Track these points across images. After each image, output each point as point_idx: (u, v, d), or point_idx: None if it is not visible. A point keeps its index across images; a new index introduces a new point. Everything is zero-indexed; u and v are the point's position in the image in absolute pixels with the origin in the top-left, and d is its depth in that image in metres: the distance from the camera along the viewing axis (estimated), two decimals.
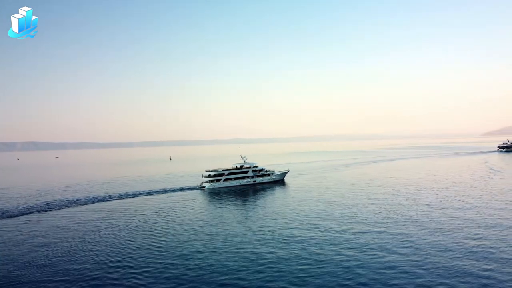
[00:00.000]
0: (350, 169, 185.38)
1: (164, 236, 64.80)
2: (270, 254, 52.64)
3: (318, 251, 52.88)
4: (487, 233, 59.25)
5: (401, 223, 67.07)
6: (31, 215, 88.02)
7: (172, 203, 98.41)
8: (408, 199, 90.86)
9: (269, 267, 47.45)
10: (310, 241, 58.01)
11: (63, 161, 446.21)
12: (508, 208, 77.21)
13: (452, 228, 62.50)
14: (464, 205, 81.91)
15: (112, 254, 55.21)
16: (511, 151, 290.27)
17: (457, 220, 67.99)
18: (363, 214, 76.12)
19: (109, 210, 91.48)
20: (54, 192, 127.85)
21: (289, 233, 63.49)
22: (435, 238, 57.25)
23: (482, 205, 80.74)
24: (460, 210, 77.02)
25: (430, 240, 56.31)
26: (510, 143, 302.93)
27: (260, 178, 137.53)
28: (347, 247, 54.14)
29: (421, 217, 71.49)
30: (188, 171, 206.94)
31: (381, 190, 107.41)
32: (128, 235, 66.04)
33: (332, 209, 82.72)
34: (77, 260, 53.10)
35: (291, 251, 53.57)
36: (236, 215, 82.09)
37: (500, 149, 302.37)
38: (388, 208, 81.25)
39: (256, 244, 57.57)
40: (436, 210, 77.64)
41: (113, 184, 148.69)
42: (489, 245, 52.91)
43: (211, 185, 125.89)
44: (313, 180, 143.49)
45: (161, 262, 51.16)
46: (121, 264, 50.53)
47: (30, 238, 66.79)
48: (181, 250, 56.01)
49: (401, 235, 59.60)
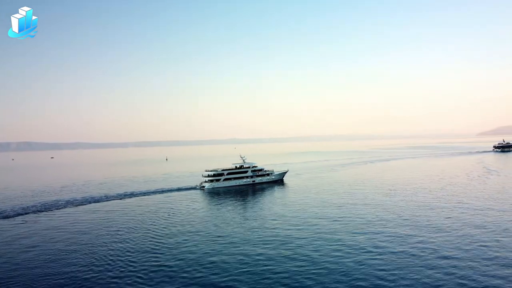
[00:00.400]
0: (346, 170, 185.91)
1: (165, 235, 64.97)
2: (267, 253, 52.93)
3: (312, 251, 53.36)
4: (483, 232, 59.95)
5: (397, 223, 67.64)
6: (27, 215, 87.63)
7: (172, 203, 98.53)
8: (405, 200, 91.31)
9: (265, 266, 47.74)
10: (307, 240, 58.47)
11: (58, 162, 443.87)
12: (506, 209, 77.89)
13: (448, 228, 63.17)
14: (462, 205, 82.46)
15: (111, 253, 55.30)
16: (506, 151, 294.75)
17: (453, 220, 68.70)
18: (359, 214, 76.61)
19: (108, 210, 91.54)
20: (51, 193, 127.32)
21: (287, 232, 63.82)
22: (431, 238, 57.84)
23: (480, 205, 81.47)
24: (456, 210, 77.70)
25: (426, 239, 56.90)
26: (505, 143, 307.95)
27: (259, 178, 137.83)
28: (342, 247, 54.50)
29: (417, 217, 72.04)
30: (185, 171, 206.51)
31: (376, 190, 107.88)
32: (125, 234, 66.14)
33: (328, 209, 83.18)
34: (76, 260, 53.06)
35: (288, 250, 53.90)
36: (236, 215, 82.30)
37: (495, 149, 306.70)
38: (384, 208, 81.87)
39: (255, 244, 57.86)
40: (433, 210, 78.22)
41: (109, 184, 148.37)
42: (485, 245, 53.52)
43: (210, 185, 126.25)
44: (310, 180, 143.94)
45: (161, 261, 51.32)
46: (120, 263, 50.61)
47: (24, 238, 66.68)
48: (182, 249, 56.22)
49: (397, 234, 60.18)
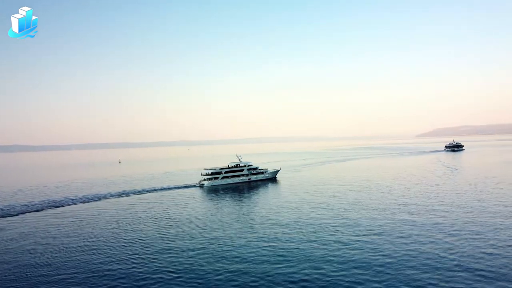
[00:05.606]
0: (304, 171, 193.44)
1: (172, 229, 65.44)
2: (265, 253, 55.58)
3: (294, 247, 56.36)
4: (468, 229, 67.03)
5: (399, 223, 72.67)
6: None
7: (174, 200, 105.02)
8: (397, 198, 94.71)
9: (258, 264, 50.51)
10: (298, 235, 62.00)
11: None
12: (482, 206, 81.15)
13: (423, 224, 68.86)
14: (435, 202, 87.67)
15: (110, 253, 54.67)
16: (456, 150, 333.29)
17: (426, 216, 75.17)
18: (335, 213, 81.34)
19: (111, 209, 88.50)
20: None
21: (283, 226, 67.10)
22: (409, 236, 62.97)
23: (464, 198, 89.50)
24: (427, 206, 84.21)
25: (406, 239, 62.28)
26: (455, 143, 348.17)
27: (254, 176, 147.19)
28: (317, 244, 57.12)
29: (392, 214, 77.57)
30: (144, 173, 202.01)
31: (354, 189, 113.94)
32: (118, 234, 65.35)
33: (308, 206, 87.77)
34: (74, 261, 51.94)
35: (286, 248, 56.70)
36: (234, 210, 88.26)
37: (447, 149, 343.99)
38: (358, 207, 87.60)
39: (254, 242, 60.02)
40: (407, 207, 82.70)
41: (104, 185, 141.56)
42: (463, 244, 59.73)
43: (209, 182, 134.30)
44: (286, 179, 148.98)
45: (158, 261, 51.87)
46: (120, 262, 50.47)
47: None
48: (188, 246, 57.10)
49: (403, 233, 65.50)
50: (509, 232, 60.11)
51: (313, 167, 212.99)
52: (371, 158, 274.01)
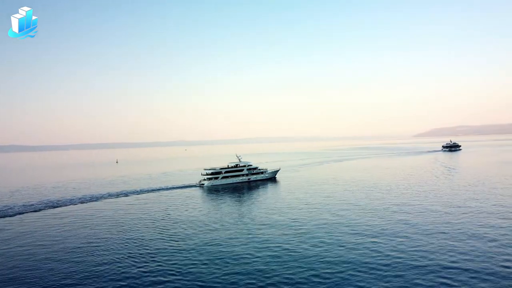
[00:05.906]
0: (302, 170, 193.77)
1: (174, 227, 65.56)
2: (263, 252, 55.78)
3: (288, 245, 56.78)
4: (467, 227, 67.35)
5: (403, 223, 73.04)
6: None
7: (174, 200, 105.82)
8: (398, 197, 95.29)
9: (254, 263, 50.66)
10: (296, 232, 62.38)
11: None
12: (482, 206, 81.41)
13: (422, 225, 69.37)
14: (434, 202, 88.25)
15: (110, 253, 54.65)
16: (453, 150, 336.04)
17: (426, 215, 75.80)
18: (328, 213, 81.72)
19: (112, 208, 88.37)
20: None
21: (282, 223, 67.33)
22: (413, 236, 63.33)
23: (456, 202, 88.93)
24: (429, 207, 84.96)
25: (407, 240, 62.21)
26: (452, 143, 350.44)
27: (254, 176, 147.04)
28: (314, 244, 57.45)
29: (393, 214, 77.83)
30: (143, 174, 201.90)
31: (361, 191, 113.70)
32: (131, 231, 65.31)
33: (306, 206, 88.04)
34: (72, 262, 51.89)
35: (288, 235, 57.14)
36: (234, 210, 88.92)
37: (444, 149, 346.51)
38: (357, 208, 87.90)
39: (254, 242, 60.19)
40: (407, 207, 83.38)
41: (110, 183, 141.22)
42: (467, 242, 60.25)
43: (209, 182, 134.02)
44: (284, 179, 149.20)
45: (158, 260, 51.95)
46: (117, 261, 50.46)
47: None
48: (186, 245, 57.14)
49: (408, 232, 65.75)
50: (508, 232, 60.43)
51: (312, 167, 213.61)
52: (368, 158, 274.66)
